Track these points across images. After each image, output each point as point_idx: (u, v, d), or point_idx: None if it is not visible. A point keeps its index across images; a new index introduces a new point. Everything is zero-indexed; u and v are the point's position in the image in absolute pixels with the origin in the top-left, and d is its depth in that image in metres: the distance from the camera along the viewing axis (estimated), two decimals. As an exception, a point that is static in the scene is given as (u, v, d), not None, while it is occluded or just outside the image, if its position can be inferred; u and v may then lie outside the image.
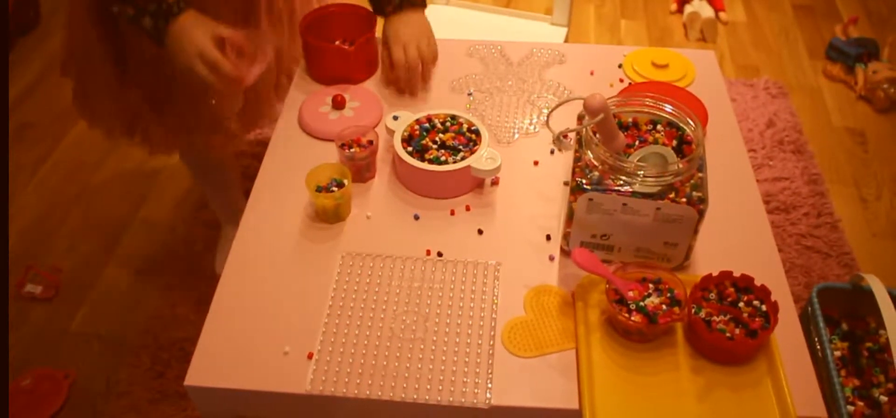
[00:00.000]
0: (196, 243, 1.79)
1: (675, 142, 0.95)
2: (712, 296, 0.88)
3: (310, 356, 0.86)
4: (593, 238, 0.94)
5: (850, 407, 1.36)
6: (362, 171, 1.08)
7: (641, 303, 0.86)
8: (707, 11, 2.50)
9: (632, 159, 0.91)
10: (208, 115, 1.27)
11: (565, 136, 0.92)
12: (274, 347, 0.87)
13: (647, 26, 2.59)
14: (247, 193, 1.08)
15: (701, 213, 0.88)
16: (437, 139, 1.08)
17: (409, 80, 1.22)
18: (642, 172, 0.87)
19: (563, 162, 1.12)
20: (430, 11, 1.31)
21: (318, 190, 1.01)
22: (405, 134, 1.09)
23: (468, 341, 0.88)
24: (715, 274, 0.89)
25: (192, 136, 1.32)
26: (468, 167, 1.03)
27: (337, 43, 1.26)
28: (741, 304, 0.87)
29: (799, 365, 0.85)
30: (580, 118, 0.98)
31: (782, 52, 2.46)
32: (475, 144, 1.08)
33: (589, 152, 0.90)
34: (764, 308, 0.86)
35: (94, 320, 1.65)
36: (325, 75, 1.26)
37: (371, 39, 1.27)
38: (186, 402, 1.46)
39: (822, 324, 1.40)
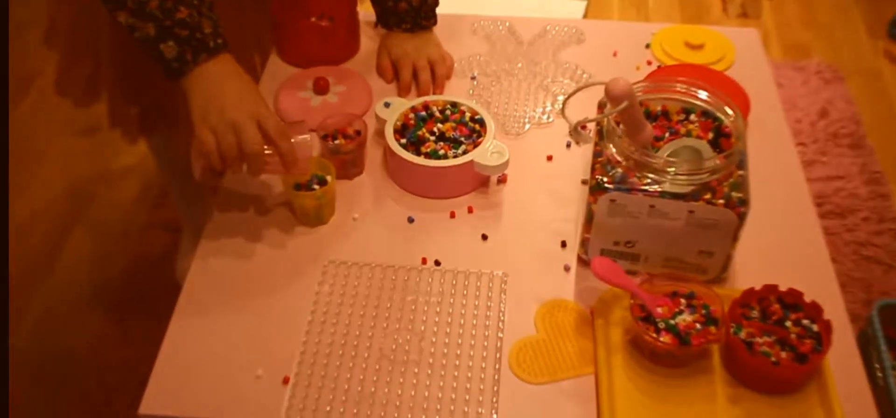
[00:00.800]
0: (153, 247, 1.79)
1: (711, 135, 0.95)
2: (754, 313, 0.89)
3: (286, 380, 0.87)
4: (616, 245, 0.95)
5: (915, 444, 1.37)
6: (348, 166, 1.09)
7: (671, 322, 0.86)
8: (750, -18, 2.51)
9: (661, 154, 0.91)
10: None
11: (584, 127, 0.92)
12: (244, 370, 0.88)
13: (680, 0, 2.59)
14: (215, 190, 1.08)
15: (741, 217, 0.88)
16: (434, 129, 1.09)
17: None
18: (673, 169, 0.87)
19: (581, 157, 1.12)
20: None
21: (297, 187, 1.02)
22: (398, 123, 1.09)
23: (470, 364, 0.88)
24: (758, 288, 0.89)
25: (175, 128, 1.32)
26: (471, 162, 1.04)
27: (313, 19, 1.27)
28: (788, 324, 0.87)
29: (856, 395, 0.85)
30: (601, 106, 0.99)
31: (837, 30, 2.47)
32: (479, 136, 1.08)
33: (611, 146, 0.90)
34: (815, 328, 0.86)
35: (32, 337, 1.65)
36: (300, 57, 1.26)
37: (353, 14, 1.27)
38: (140, 434, 1.46)
39: (883, 347, 1.40)
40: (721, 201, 0.87)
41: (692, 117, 0.97)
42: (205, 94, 0.94)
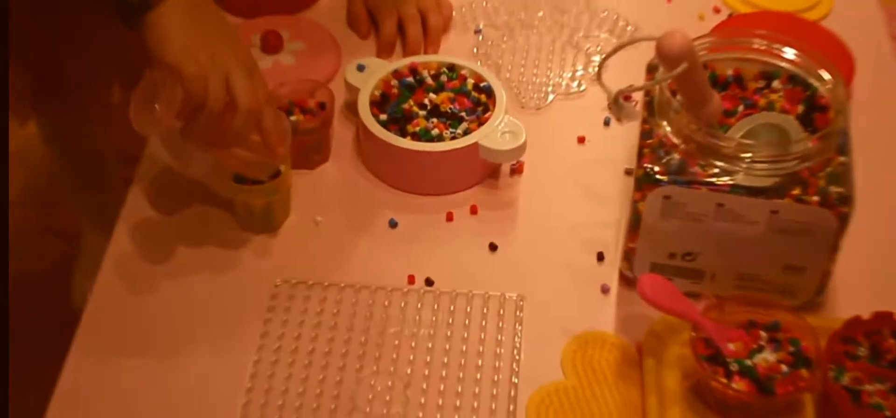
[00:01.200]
0: (42, 261, 1.79)
1: (800, 108, 0.95)
2: (862, 351, 0.88)
3: (223, 442, 0.86)
4: (672, 258, 0.95)
5: None
6: (309, 152, 1.09)
7: (748, 362, 0.86)
8: None
9: (732, 134, 0.91)
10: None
11: (628, 99, 0.92)
12: (166, 428, 0.87)
13: (756, -72, 2.59)
14: (127, 183, 1.07)
15: (842, 220, 0.88)
16: (425, 102, 1.09)
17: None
18: (750, 155, 0.87)
19: (623, 139, 1.12)
20: None
21: (239, 180, 1.01)
22: (376, 93, 1.09)
23: (474, 420, 0.88)
24: (866, 317, 0.89)
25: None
26: (475, 145, 1.04)
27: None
28: (907, 365, 0.87)
29: None
30: (651, 70, 0.98)
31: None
32: (485, 110, 1.08)
33: (665, 124, 0.90)
34: (943, 371, 0.86)
35: None
36: (243, 3, 1.26)
37: None
38: None
39: None
40: (815, 198, 0.87)
41: (775, 85, 0.98)
42: (180, 34, 0.92)
